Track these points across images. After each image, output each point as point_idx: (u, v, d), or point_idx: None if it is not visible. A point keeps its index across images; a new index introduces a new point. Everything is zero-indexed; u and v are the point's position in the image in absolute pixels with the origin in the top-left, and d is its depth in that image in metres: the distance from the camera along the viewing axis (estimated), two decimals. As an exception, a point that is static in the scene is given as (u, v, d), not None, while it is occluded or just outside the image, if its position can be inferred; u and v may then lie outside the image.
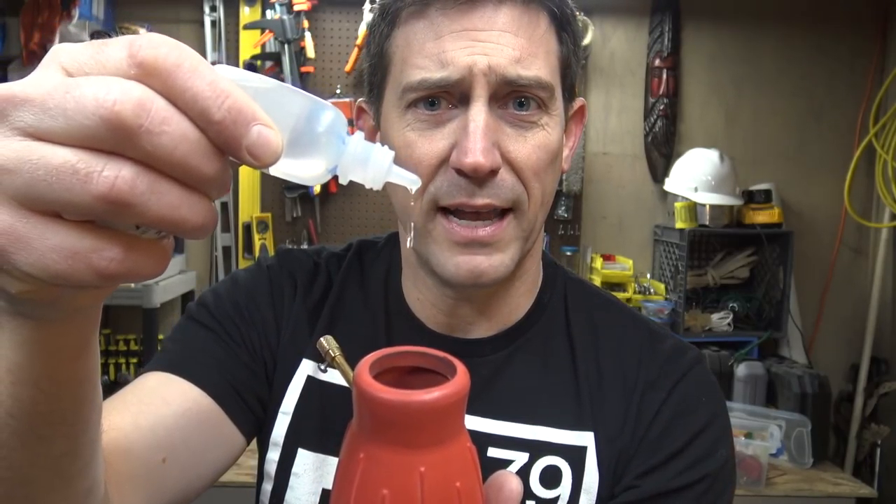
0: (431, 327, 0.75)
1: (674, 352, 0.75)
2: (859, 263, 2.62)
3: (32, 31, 2.04)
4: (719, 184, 2.33)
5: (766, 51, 2.57)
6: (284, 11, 2.40)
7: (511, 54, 0.63)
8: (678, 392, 0.72)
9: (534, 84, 0.64)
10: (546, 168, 0.67)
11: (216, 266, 2.52)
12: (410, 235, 0.68)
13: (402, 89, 0.65)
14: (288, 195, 2.48)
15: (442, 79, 0.63)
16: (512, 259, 0.67)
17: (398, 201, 0.69)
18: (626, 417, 0.71)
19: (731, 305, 2.46)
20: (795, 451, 2.10)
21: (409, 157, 0.65)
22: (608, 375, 0.73)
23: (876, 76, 2.56)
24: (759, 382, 2.28)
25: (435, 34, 0.64)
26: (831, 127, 2.59)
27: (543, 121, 0.66)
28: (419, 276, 0.74)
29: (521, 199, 0.65)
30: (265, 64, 2.45)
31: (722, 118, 2.60)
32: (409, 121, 0.66)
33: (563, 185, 2.46)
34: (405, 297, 0.77)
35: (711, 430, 0.71)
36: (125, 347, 2.16)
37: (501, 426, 0.71)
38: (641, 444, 0.70)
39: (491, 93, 0.64)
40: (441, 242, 0.66)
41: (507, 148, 0.64)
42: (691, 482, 0.68)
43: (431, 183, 0.65)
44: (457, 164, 0.63)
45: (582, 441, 0.71)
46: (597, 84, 2.57)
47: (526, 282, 0.76)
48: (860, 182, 2.57)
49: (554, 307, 0.77)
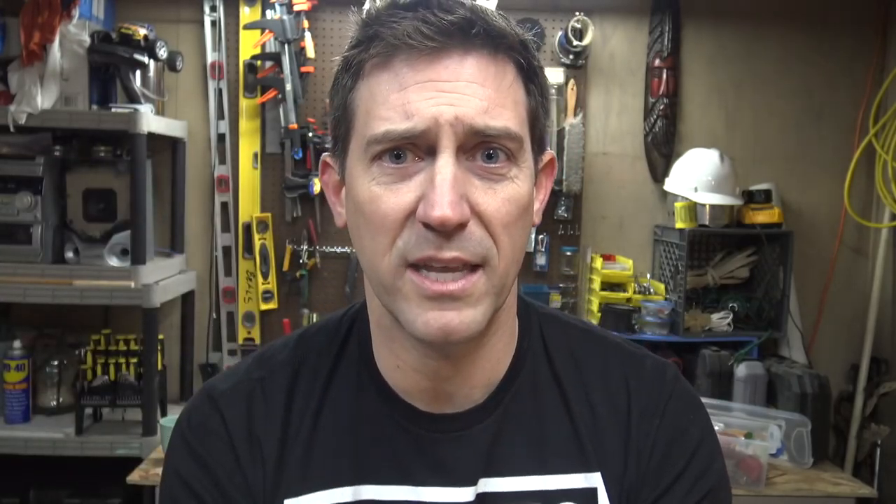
0: (417, 405, 0.72)
1: (655, 372, 0.76)
2: (859, 263, 2.62)
3: (32, 31, 2.04)
4: (719, 184, 2.33)
5: (767, 51, 2.57)
6: (284, 11, 2.40)
7: (478, 105, 0.62)
8: (669, 415, 0.74)
9: (502, 134, 0.63)
10: (516, 221, 0.65)
11: (216, 266, 2.52)
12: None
13: (367, 142, 0.64)
14: (288, 195, 2.47)
15: (407, 130, 0.62)
16: (483, 314, 0.64)
17: (367, 260, 0.67)
18: (626, 452, 0.73)
19: (731, 305, 2.46)
20: (795, 451, 2.10)
21: (375, 211, 0.63)
22: (601, 411, 0.74)
23: (876, 76, 2.56)
24: (759, 382, 2.28)
25: (399, 85, 0.62)
26: (831, 127, 2.59)
27: (513, 173, 0.64)
28: (395, 338, 0.71)
29: (491, 253, 0.63)
30: (265, 64, 2.45)
31: (722, 118, 2.60)
32: (375, 174, 0.64)
33: (563, 185, 2.46)
34: (382, 374, 0.74)
35: (705, 445, 0.74)
36: (125, 347, 2.16)
37: (511, 482, 0.71)
38: (645, 475, 0.72)
39: (458, 144, 0.62)
40: (411, 298, 0.64)
41: (475, 201, 0.63)
42: (698, 500, 0.71)
43: (399, 238, 0.63)
44: (424, 218, 0.61)
45: (592, 483, 0.72)
46: (597, 84, 2.57)
47: (503, 336, 0.74)
48: (860, 182, 2.57)
49: (535, 352, 0.77)
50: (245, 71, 2.48)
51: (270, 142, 2.51)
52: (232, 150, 2.51)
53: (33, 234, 2.13)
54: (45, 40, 2.06)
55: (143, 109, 2.13)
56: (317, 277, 2.53)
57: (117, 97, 2.24)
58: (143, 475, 1.94)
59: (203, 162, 2.53)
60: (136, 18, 2.31)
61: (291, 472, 0.71)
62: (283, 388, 0.74)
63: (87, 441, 2.12)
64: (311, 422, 0.73)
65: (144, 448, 2.08)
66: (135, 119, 2.07)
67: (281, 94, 2.41)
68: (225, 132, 2.50)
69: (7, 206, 2.12)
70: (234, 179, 2.52)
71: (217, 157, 2.51)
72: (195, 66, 2.49)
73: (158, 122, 2.22)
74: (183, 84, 2.50)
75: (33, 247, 2.13)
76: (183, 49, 2.43)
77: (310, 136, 2.43)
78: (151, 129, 2.13)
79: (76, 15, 2.12)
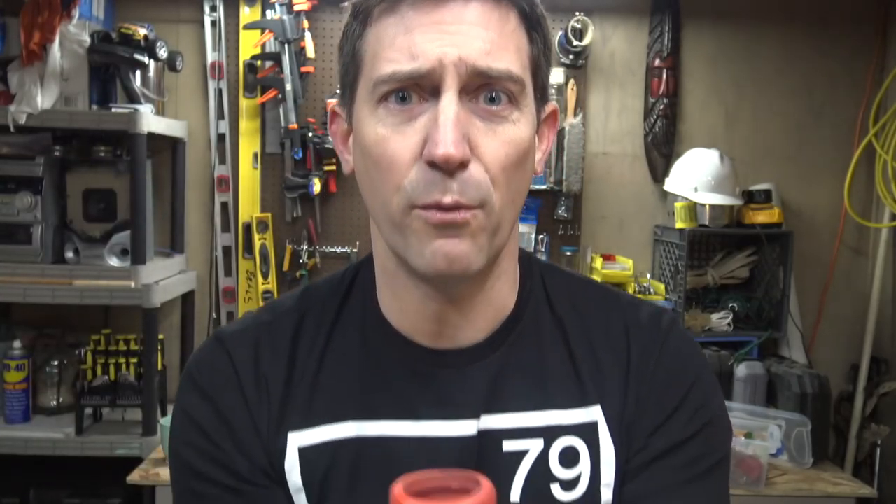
0: (421, 342, 0.74)
1: (653, 318, 0.79)
2: (859, 263, 2.62)
3: (32, 31, 2.04)
4: (719, 184, 2.33)
5: (766, 51, 2.57)
6: (284, 11, 2.40)
7: (481, 47, 0.64)
8: (666, 352, 0.76)
9: (504, 76, 0.65)
10: (515, 164, 0.67)
11: (216, 266, 2.52)
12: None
13: (374, 83, 0.66)
14: (288, 195, 2.48)
15: (412, 70, 0.63)
16: (481, 249, 0.66)
17: (375, 201, 0.69)
18: (626, 388, 0.75)
19: (731, 305, 2.46)
20: (795, 451, 2.10)
21: (382, 154, 0.65)
22: (602, 353, 0.76)
23: (876, 76, 2.56)
24: (759, 382, 2.28)
25: (405, 28, 0.64)
26: (831, 127, 2.59)
27: (514, 116, 0.66)
28: (398, 282, 0.73)
29: (489, 197, 0.65)
30: (265, 64, 2.45)
31: (722, 118, 2.60)
32: (381, 116, 0.66)
33: (564, 185, 2.46)
34: (385, 316, 0.76)
35: (703, 380, 0.76)
36: (125, 347, 2.16)
37: (512, 418, 0.73)
38: (643, 408, 0.74)
39: (461, 85, 0.64)
40: (419, 230, 0.65)
41: (476, 142, 0.64)
42: (695, 431, 0.73)
43: (405, 178, 0.65)
44: (428, 157, 0.63)
45: (592, 416, 0.74)
46: (597, 84, 2.57)
47: (507, 281, 0.76)
48: (860, 182, 2.57)
49: (537, 297, 0.79)
50: (245, 71, 2.48)
51: (270, 142, 2.51)
52: (232, 150, 2.51)
53: (33, 234, 2.13)
54: (45, 40, 2.06)
55: (143, 109, 2.13)
56: (317, 277, 2.53)
57: (117, 97, 2.24)
58: (143, 475, 1.94)
59: (203, 162, 2.53)
60: (136, 18, 2.31)
61: (296, 408, 0.73)
62: (289, 332, 0.77)
63: (87, 441, 2.12)
64: (315, 362, 0.75)
65: (144, 448, 2.08)
66: (135, 119, 2.07)
67: (281, 94, 2.41)
68: (225, 132, 2.51)
69: (7, 206, 2.12)
70: (234, 179, 2.52)
71: (217, 157, 2.51)
72: (195, 66, 2.49)
73: (158, 122, 2.22)
74: (183, 84, 2.50)
75: (33, 247, 2.13)
76: (183, 49, 2.43)
77: (310, 136, 2.43)
78: (151, 129, 2.13)
79: (76, 15, 2.12)
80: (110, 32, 2.20)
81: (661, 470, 0.72)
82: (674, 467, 0.72)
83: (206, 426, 0.73)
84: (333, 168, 2.47)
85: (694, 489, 0.72)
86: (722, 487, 0.75)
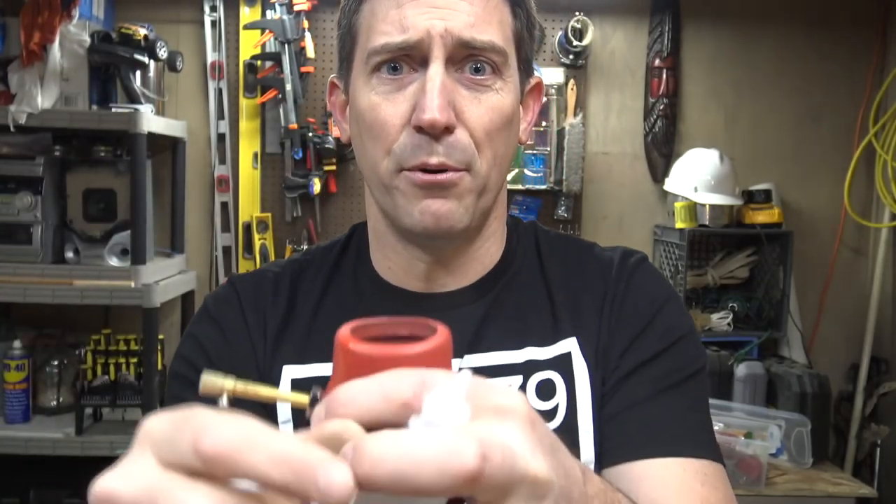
0: (407, 288, 0.79)
1: (624, 256, 0.83)
2: (859, 263, 2.62)
3: (32, 31, 2.04)
4: (719, 184, 2.33)
5: (766, 51, 2.57)
6: (284, 11, 2.40)
7: (466, 20, 0.69)
8: (634, 282, 0.80)
9: (487, 47, 0.70)
10: (499, 130, 0.72)
11: (216, 266, 2.52)
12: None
13: (368, 54, 0.71)
14: (288, 195, 2.48)
15: (403, 41, 0.69)
16: (466, 209, 0.71)
17: (368, 164, 0.74)
18: (600, 319, 0.78)
19: (731, 305, 2.46)
20: (795, 451, 2.10)
21: (375, 119, 0.71)
22: (580, 293, 0.80)
23: (875, 76, 2.56)
24: (759, 382, 2.28)
25: (397, 3, 0.70)
26: (831, 127, 2.59)
27: (497, 85, 0.72)
28: (388, 242, 0.79)
29: (474, 160, 0.71)
30: (265, 64, 2.45)
31: (722, 118, 2.60)
32: (374, 85, 0.71)
33: (564, 185, 2.46)
34: (377, 272, 0.81)
35: (670, 304, 0.79)
36: (125, 347, 2.16)
37: (492, 357, 0.77)
38: (615, 333, 0.77)
39: (447, 55, 0.69)
40: (406, 191, 0.70)
41: (461, 108, 0.70)
42: (664, 348, 0.76)
43: (395, 143, 0.70)
44: (416, 122, 0.68)
45: (566, 348, 0.77)
46: (597, 84, 2.57)
47: (495, 242, 0.81)
48: (860, 182, 2.57)
49: (526, 251, 0.84)
50: (245, 71, 2.48)
51: (270, 142, 2.51)
52: (232, 150, 2.51)
53: (33, 234, 2.13)
54: (45, 40, 2.06)
55: (143, 109, 2.13)
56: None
57: (117, 97, 2.24)
58: (143, 475, 1.94)
59: (203, 162, 2.53)
60: (136, 18, 2.31)
61: (292, 344, 0.79)
62: (289, 280, 0.83)
63: (87, 441, 2.12)
64: (312, 307, 0.81)
65: (144, 448, 2.08)
66: (135, 119, 2.07)
67: (281, 94, 2.41)
68: (225, 132, 2.50)
69: (7, 206, 2.12)
70: (234, 179, 2.52)
71: (217, 157, 2.51)
72: (195, 66, 2.49)
73: (158, 122, 2.22)
74: (183, 84, 2.50)
75: (33, 247, 2.13)
76: (183, 49, 2.43)
77: (310, 136, 2.43)
78: (151, 129, 2.13)
79: (76, 15, 2.12)
80: (110, 32, 2.20)
81: (632, 385, 0.75)
82: (644, 381, 0.75)
83: (206, 343, 0.79)
84: (333, 168, 2.47)
85: (665, 398, 0.74)
86: (695, 399, 0.76)
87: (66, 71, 2.14)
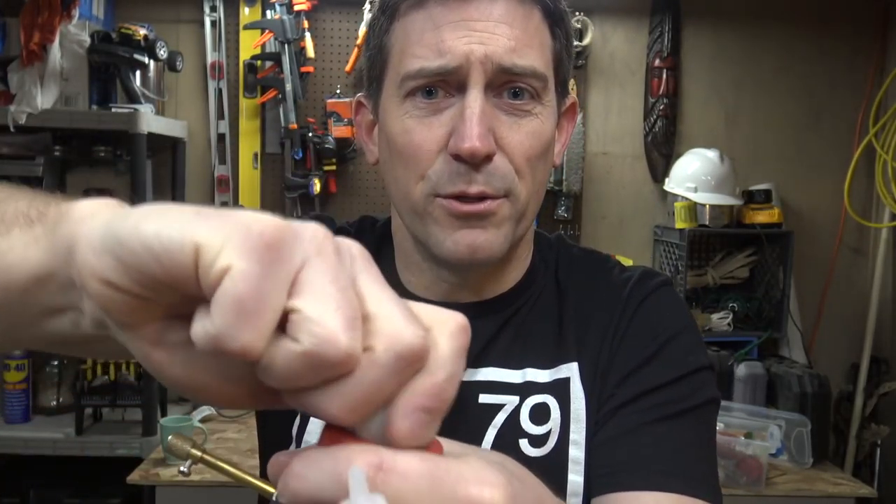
0: (427, 297, 0.76)
1: (643, 275, 0.78)
2: (859, 263, 2.62)
3: (32, 31, 2.04)
4: (719, 184, 2.33)
5: (766, 51, 2.57)
6: (284, 11, 2.40)
7: (507, 44, 0.66)
8: (646, 307, 0.75)
9: (528, 73, 0.67)
10: (538, 156, 0.69)
11: (216, 266, 2.52)
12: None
13: (402, 78, 0.68)
14: (288, 195, 2.47)
15: (440, 67, 0.65)
16: (505, 237, 0.69)
17: (399, 189, 0.71)
18: (603, 342, 0.75)
19: (731, 305, 2.46)
20: (795, 451, 2.10)
21: (409, 143, 0.68)
22: (590, 312, 0.77)
23: (876, 76, 2.56)
24: (759, 382, 2.28)
25: (433, 25, 0.66)
26: (831, 127, 2.59)
27: (537, 110, 0.69)
28: (413, 260, 0.76)
29: (514, 185, 0.68)
30: (265, 64, 2.45)
31: (722, 118, 2.60)
32: (408, 109, 0.68)
33: (564, 185, 2.46)
34: (399, 275, 0.79)
35: (685, 335, 0.74)
36: (125, 347, 2.16)
37: (491, 373, 0.75)
38: (617, 358, 0.74)
39: (487, 81, 0.66)
40: (441, 220, 0.68)
41: (501, 135, 0.67)
42: (668, 381, 0.71)
43: (430, 169, 0.67)
44: (454, 150, 0.65)
45: (566, 373, 0.75)
46: (597, 84, 2.57)
47: (520, 263, 0.79)
48: (860, 182, 2.57)
49: (545, 271, 0.81)
50: (245, 71, 2.48)
51: (270, 142, 2.51)
52: (232, 150, 2.51)
53: (33, 234, 2.13)
54: (45, 40, 2.06)
55: (143, 109, 2.13)
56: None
57: (117, 97, 2.24)
58: (143, 475, 1.93)
59: (203, 162, 2.53)
60: (136, 18, 2.31)
61: None
62: None
63: (87, 441, 2.12)
64: None
65: (144, 448, 2.08)
66: (135, 119, 2.07)
67: (281, 94, 2.41)
68: (225, 132, 2.50)
69: (7, 206, 2.12)
70: (234, 179, 2.52)
71: (217, 157, 2.51)
72: (195, 66, 2.49)
73: (158, 122, 2.22)
74: (183, 84, 2.50)
75: (33, 247, 2.13)
76: (183, 49, 2.43)
77: (310, 136, 2.43)
78: (151, 129, 2.13)
79: (76, 15, 2.12)
80: (110, 32, 2.20)
81: (629, 413, 0.71)
82: (642, 409, 0.70)
83: None
84: (333, 168, 2.47)
85: (663, 429, 0.69)
86: (698, 433, 0.71)
87: (66, 71, 2.14)
